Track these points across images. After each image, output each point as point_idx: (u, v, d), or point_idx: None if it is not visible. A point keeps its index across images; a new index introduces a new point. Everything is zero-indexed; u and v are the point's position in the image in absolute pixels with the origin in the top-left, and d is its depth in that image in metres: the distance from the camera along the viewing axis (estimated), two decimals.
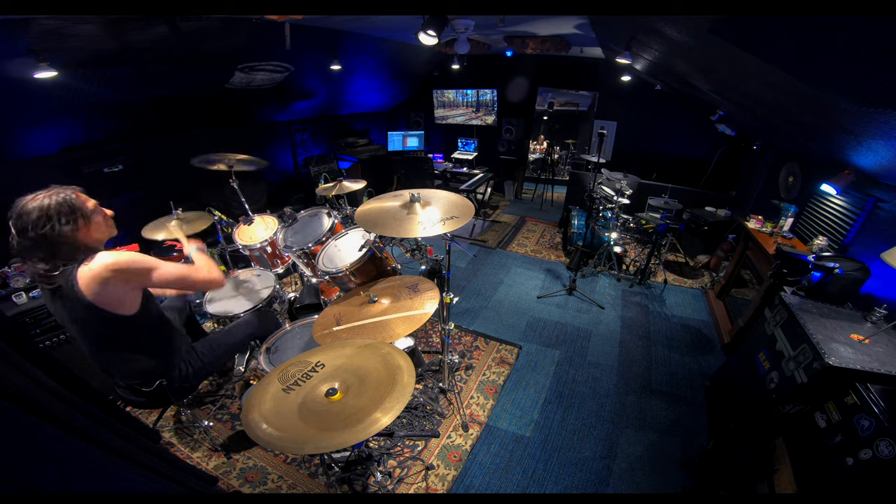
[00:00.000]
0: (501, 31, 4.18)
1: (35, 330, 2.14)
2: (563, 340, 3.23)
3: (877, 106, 1.32)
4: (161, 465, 1.46)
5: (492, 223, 5.62)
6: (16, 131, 2.76)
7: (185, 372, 1.78)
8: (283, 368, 1.32)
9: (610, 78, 5.32)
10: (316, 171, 5.19)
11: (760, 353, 2.12)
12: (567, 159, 7.03)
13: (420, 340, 3.13)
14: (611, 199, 3.90)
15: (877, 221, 2.34)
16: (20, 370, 1.19)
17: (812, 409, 1.75)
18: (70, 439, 1.13)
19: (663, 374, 2.94)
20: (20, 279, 2.21)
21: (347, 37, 3.76)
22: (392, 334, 1.61)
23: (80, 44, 2.27)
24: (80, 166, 3.24)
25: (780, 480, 1.76)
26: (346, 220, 3.03)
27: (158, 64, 2.91)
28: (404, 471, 2.13)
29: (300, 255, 2.42)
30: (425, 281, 1.95)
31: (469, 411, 2.51)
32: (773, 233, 3.10)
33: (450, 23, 3.24)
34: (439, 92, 6.51)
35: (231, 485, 2.03)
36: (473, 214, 1.82)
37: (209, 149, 2.71)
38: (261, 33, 3.03)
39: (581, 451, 2.30)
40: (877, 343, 1.75)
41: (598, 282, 4.14)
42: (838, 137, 2.08)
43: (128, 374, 1.63)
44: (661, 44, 2.55)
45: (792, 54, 1.39)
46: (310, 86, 4.65)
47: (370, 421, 1.08)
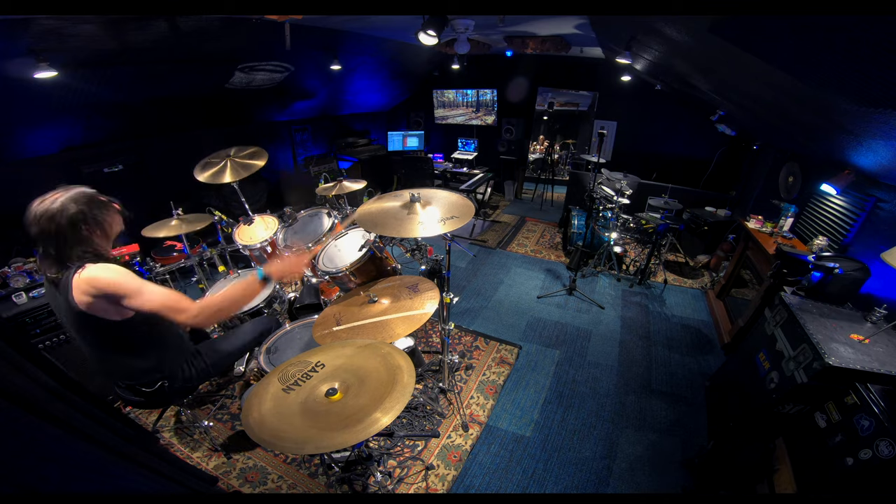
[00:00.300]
0: (501, 31, 4.18)
1: (35, 330, 2.14)
2: (563, 340, 3.23)
3: (877, 106, 1.32)
4: (161, 465, 1.46)
5: (492, 223, 5.62)
6: (16, 131, 2.77)
7: (188, 373, 1.77)
8: (283, 368, 1.32)
9: (610, 78, 5.32)
10: (316, 170, 5.19)
11: (760, 353, 2.12)
12: (567, 159, 7.03)
13: (420, 340, 3.13)
14: (611, 199, 3.90)
15: (877, 221, 2.34)
16: (20, 370, 1.19)
17: (812, 409, 1.75)
18: (70, 439, 1.13)
19: (663, 374, 2.94)
20: (20, 279, 2.21)
21: (347, 37, 3.76)
22: (392, 334, 1.61)
23: (80, 44, 2.27)
24: (80, 166, 3.25)
25: (780, 480, 1.76)
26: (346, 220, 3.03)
27: (158, 64, 2.91)
28: (404, 471, 2.13)
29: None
30: (425, 281, 1.95)
31: (469, 411, 2.51)
32: (773, 233, 3.10)
33: (450, 23, 3.24)
34: (439, 92, 6.51)
35: (231, 485, 2.03)
36: (473, 214, 1.82)
37: (209, 149, 2.70)
38: (261, 33, 3.03)
39: (581, 451, 2.30)
40: (877, 343, 1.75)
41: (598, 282, 4.14)
42: (838, 137, 2.08)
43: (128, 374, 1.63)
44: (661, 44, 2.55)
45: (792, 54, 1.39)
46: (310, 86, 4.65)
47: (370, 421, 1.08)
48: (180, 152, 3.91)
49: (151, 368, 1.63)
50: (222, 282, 2.63)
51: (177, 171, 3.46)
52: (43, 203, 1.32)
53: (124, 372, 1.62)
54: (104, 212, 1.43)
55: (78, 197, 1.35)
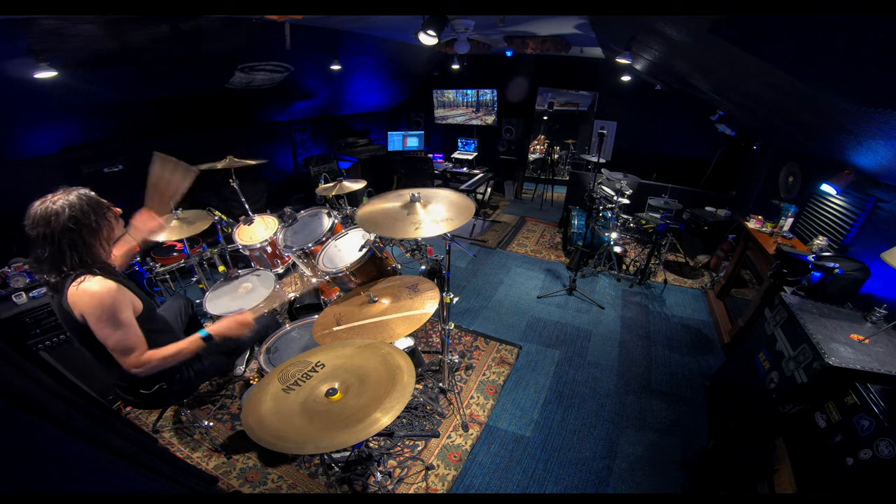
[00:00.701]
0: (501, 31, 4.18)
1: (35, 330, 2.14)
2: (563, 340, 3.23)
3: (877, 106, 1.33)
4: (161, 465, 1.46)
5: (492, 223, 5.62)
6: (16, 131, 2.77)
7: (186, 375, 1.77)
8: (283, 368, 1.32)
9: (610, 78, 5.32)
10: (316, 171, 5.19)
11: (760, 353, 2.12)
12: (567, 159, 7.03)
13: (420, 340, 3.13)
14: (611, 199, 3.90)
15: (877, 221, 2.34)
16: (20, 370, 1.19)
17: (812, 409, 1.75)
18: (70, 439, 1.13)
19: (663, 374, 2.94)
20: (20, 279, 2.21)
21: (347, 37, 3.76)
22: (392, 334, 1.61)
23: (80, 44, 2.27)
24: (80, 166, 3.24)
25: (780, 480, 1.76)
26: (346, 220, 3.03)
27: (158, 64, 2.91)
28: (404, 471, 2.13)
29: (300, 255, 2.42)
30: (425, 281, 1.95)
31: (469, 411, 2.51)
32: (773, 233, 3.10)
33: (450, 23, 3.24)
34: (439, 92, 6.51)
35: (231, 485, 2.03)
36: (473, 214, 1.82)
37: (209, 149, 2.70)
38: (261, 33, 3.03)
39: (581, 451, 2.30)
40: (877, 343, 1.75)
41: (598, 282, 4.14)
42: (838, 137, 2.08)
43: (125, 377, 1.63)
44: (661, 44, 2.55)
45: (792, 54, 1.39)
46: (310, 86, 4.65)
47: (370, 421, 1.08)
48: (180, 152, 3.91)
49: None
50: (222, 282, 2.62)
51: None
52: (43, 204, 1.31)
53: (122, 374, 1.62)
54: (103, 217, 1.41)
55: (77, 200, 1.34)
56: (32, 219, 1.30)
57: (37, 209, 1.30)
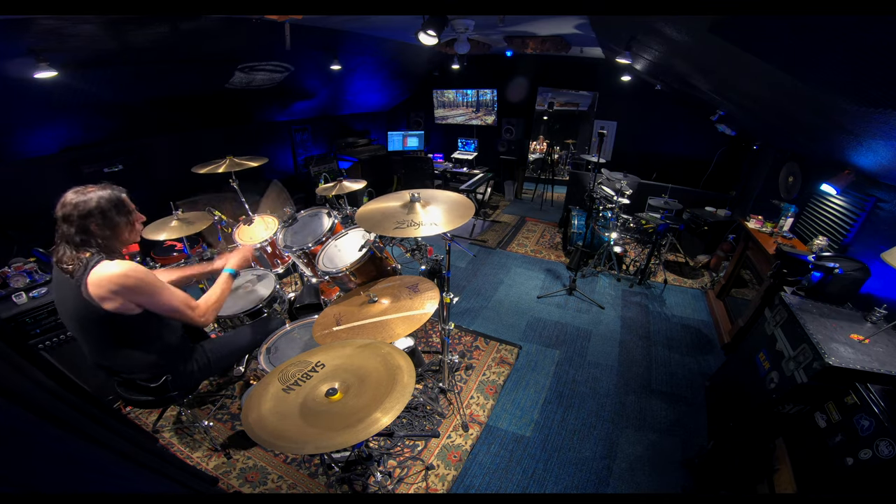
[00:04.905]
0: (501, 31, 4.18)
1: (35, 330, 2.14)
2: (563, 340, 3.23)
3: (877, 106, 1.33)
4: (161, 465, 1.46)
5: (492, 223, 5.62)
6: (16, 131, 2.76)
7: (191, 368, 1.79)
8: (283, 368, 1.32)
9: (610, 78, 5.32)
10: (316, 171, 5.19)
11: (760, 353, 2.12)
12: (567, 159, 7.04)
13: (420, 340, 3.13)
14: (611, 199, 3.90)
15: (877, 221, 2.34)
16: (20, 370, 1.19)
17: (812, 409, 1.75)
18: (70, 439, 1.13)
19: (663, 374, 2.94)
20: (20, 279, 2.21)
21: (347, 37, 3.76)
22: (392, 334, 1.61)
23: (80, 44, 2.27)
24: (80, 166, 3.24)
25: (780, 480, 1.76)
26: (346, 220, 3.03)
27: (158, 64, 2.91)
28: (404, 471, 2.13)
29: (300, 255, 2.42)
30: (425, 281, 1.95)
31: (469, 411, 2.51)
32: (773, 233, 3.10)
33: (450, 23, 3.24)
34: (439, 92, 6.51)
35: (231, 485, 2.03)
36: (473, 214, 1.82)
37: (209, 148, 2.70)
38: (261, 33, 3.03)
39: (581, 451, 2.30)
40: (877, 343, 1.75)
41: (598, 282, 4.14)
42: (838, 137, 2.08)
43: (132, 369, 1.63)
44: (661, 44, 2.55)
45: (792, 54, 1.39)
46: (310, 86, 4.65)
47: (370, 421, 1.08)
48: (180, 152, 3.92)
49: (155, 363, 1.65)
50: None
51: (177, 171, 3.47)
52: (78, 191, 1.41)
53: (128, 366, 1.63)
54: (126, 216, 1.51)
55: (108, 194, 1.44)
56: (64, 201, 1.39)
57: (71, 194, 1.40)
